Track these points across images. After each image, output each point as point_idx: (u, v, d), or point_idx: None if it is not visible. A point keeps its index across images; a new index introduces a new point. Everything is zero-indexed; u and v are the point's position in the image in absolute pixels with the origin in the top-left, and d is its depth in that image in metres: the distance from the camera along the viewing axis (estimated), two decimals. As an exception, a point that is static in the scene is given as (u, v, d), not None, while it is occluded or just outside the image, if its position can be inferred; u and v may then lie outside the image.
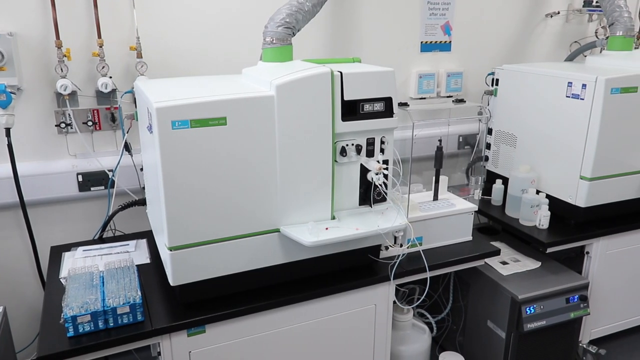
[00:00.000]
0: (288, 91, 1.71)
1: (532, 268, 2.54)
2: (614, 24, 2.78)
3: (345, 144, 1.86)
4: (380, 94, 1.87)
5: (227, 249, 1.78)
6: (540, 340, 2.43)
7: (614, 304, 2.80)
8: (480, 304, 2.55)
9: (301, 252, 1.90)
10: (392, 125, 1.92)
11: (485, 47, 3.16)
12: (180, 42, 2.44)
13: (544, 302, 2.36)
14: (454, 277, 2.65)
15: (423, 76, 2.95)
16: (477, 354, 2.61)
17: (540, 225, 2.55)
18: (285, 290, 1.93)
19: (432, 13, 2.92)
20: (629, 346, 2.98)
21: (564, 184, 2.56)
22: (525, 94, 2.74)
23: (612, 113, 2.37)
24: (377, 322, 2.15)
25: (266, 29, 2.06)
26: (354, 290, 2.04)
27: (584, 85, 2.40)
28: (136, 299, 1.73)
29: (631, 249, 2.71)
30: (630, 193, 2.59)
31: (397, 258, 2.08)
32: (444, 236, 2.31)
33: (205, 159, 1.66)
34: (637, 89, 2.39)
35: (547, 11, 3.28)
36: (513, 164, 2.81)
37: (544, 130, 2.64)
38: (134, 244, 2.31)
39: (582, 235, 2.55)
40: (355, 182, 1.94)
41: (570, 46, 3.41)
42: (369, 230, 1.85)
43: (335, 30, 2.75)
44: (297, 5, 2.11)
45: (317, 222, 1.85)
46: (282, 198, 1.81)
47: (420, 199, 2.35)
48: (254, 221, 1.79)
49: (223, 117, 1.65)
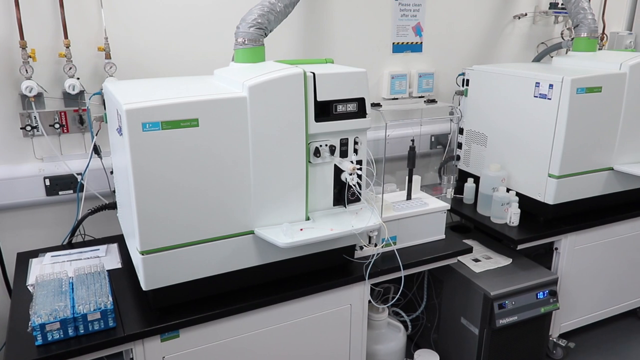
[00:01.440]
0: (261, 92, 1.70)
1: (503, 265, 2.59)
2: (579, 25, 2.86)
3: (318, 144, 1.86)
4: (353, 94, 1.87)
5: (201, 252, 1.76)
6: (512, 335, 2.48)
7: (582, 298, 2.87)
8: (453, 302, 2.59)
9: (276, 254, 1.90)
10: (365, 126, 1.93)
11: (456, 48, 3.21)
12: (150, 43, 2.40)
13: (515, 298, 2.41)
14: (427, 275, 2.68)
15: (395, 77, 2.98)
16: (451, 351, 2.65)
17: (511, 222, 2.61)
18: (260, 292, 1.92)
19: (403, 14, 2.95)
20: (597, 339, 3.07)
21: (533, 182, 2.62)
22: (494, 94, 2.79)
23: (577, 112, 2.43)
24: (352, 321, 2.16)
25: (238, 29, 2.05)
26: (329, 290, 2.04)
27: (550, 86, 2.46)
28: (107, 305, 1.69)
29: (598, 244, 2.79)
30: (596, 190, 2.67)
31: (371, 258, 2.09)
32: (417, 235, 2.34)
33: (177, 161, 1.63)
34: (601, 89, 2.46)
35: (514, 13, 3.35)
36: (484, 163, 2.86)
37: (513, 129, 2.69)
38: (105, 249, 2.27)
39: (551, 232, 2.61)
40: (329, 182, 1.94)
41: (538, 47, 3.49)
42: (343, 231, 1.86)
43: (308, 31, 2.75)
44: (269, 6, 2.10)
45: (292, 223, 1.85)
46: (256, 200, 1.80)
47: (394, 198, 2.37)
48: (227, 223, 1.78)
49: (195, 119, 1.63)
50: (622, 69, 2.53)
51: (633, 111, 2.58)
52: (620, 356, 2.94)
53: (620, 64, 2.54)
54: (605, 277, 2.92)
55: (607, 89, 2.47)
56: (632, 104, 2.57)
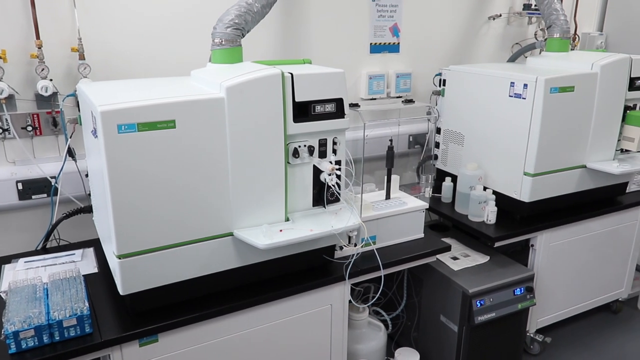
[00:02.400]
0: (238, 93, 1.69)
1: (481, 262, 2.62)
2: (552, 26, 2.92)
3: (297, 145, 1.86)
4: (332, 95, 1.88)
5: (179, 255, 1.74)
6: (490, 331, 2.51)
7: (558, 294, 2.93)
8: (433, 300, 2.61)
9: (256, 255, 1.89)
10: (344, 126, 1.93)
11: (432, 48, 3.24)
12: (125, 43, 2.36)
13: (493, 294, 2.45)
14: (407, 274, 2.70)
15: (373, 77, 2.99)
16: (431, 349, 2.67)
17: (488, 220, 2.64)
18: (240, 295, 1.91)
19: (380, 15, 2.97)
20: (573, 333, 3.14)
21: (509, 180, 2.66)
22: (471, 94, 2.83)
23: (551, 111, 2.48)
24: (333, 322, 2.16)
25: (215, 30, 2.03)
26: (310, 291, 2.04)
27: (525, 85, 2.50)
28: (83, 311, 1.66)
29: (572, 240, 2.85)
30: (570, 187, 2.73)
31: (351, 257, 2.10)
32: (396, 234, 2.35)
33: (154, 163, 1.61)
34: (573, 89, 2.51)
35: (489, 14, 3.40)
36: (461, 162, 2.90)
37: (490, 128, 2.73)
38: (80, 254, 2.22)
39: (527, 229, 2.65)
40: (308, 183, 1.94)
41: (512, 47, 3.55)
42: (323, 231, 1.86)
43: (286, 31, 2.74)
44: (246, 7, 2.09)
45: (271, 224, 1.84)
46: (235, 201, 1.78)
47: (373, 198, 2.38)
48: (206, 225, 1.76)
49: (172, 120, 1.61)
50: (593, 68, 2.59)
51: (604, 110, 2.65)
52: (595, 350, 3.01)
53: (591, 64, 2.60)
54: (580, 272, 2.98)
55: (579, 88, 2.53)
56: (603, 103, 2.63)
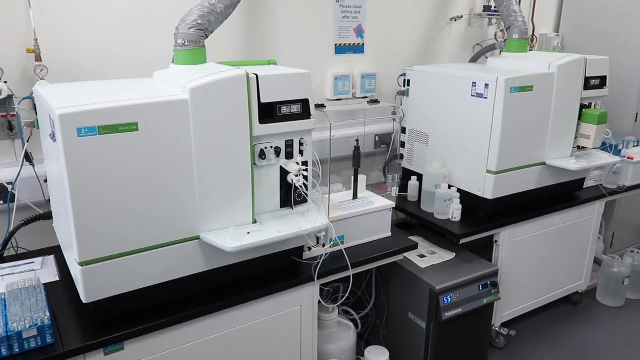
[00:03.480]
0: (203, 94, 1.67)
1: (447, 259, 2.67)
2: (511, 27, 3.00)
3: (264, 146, 1.85)
4: (297, 96, 1.88)
5: (144, 260, 1.70)
6: (457, 327, 2.56)
7: (521, 288, 3.01)
8: (401, 297, 2.64)
9: (223, 259, 1.87)
10: (310, 127, 1.94)
11: (397, 49, 3.28)
12: (84, 44, 2.30)
13: (460, 290, 2.49)
14: (375, 272, 2.72)
15: (338, 78, 3.01)
16: (400, 346, 2.70)
17: (453, 218, 2.69)
18: (208, 299, 1.89)
19: (344, 16, 2.99)
20: (536, 326, 3.23)
21: (473, 178, 2.72)
22: (434, 94, 2.87)
23: (512, 110, 2.54)
24: (303, 323, 2.16)
25: (177, 30, 2.00)
26: (279, 293, 2.03)
27: (486, 85, 2.56)
28: (44, 321, 1.61)
29: (534, 235, 2.93)
30: (531, 184, 2.81)
31: (320, 258, 2.10)
32: (364, 234, 2.37)
33: (116, 167, 1.57)
34: (532, 88, 2.59)
35: (451, 15, 3.46)
36: (426, 161, 2.94)
37: (453, 128, 2.78)
38: (40, 262, 2.15)
39: (491, 226, 2.72)
40: (275, 184, 1.94)
41: (474, 48, 3.63)
42: (291, 233, 1.85)
43: (250, 32, 2.73)
44: (209, 7, 2.07)
45: (239, 227, 1.83)
46: (201, 204, 1.76)
47: (341, 198, 2.39)
48: (171, 230, 1.73)
49: (134, 123, 1.57)
50: (550, 69, 2.67)
51: (561, 109, 2.74)
52: (557, 340, 3.11)
53: (549, 64, 2.68)
54: (542, 266, 3.07)
55: (538, 88, 2.60)
56: (561, 101, 2.71)
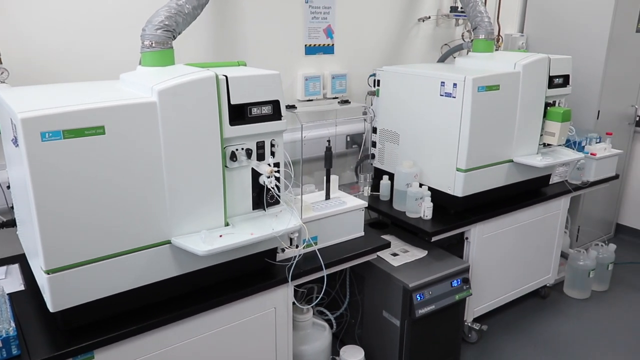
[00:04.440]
0: (171, 97, 1.65)
1: (419, 257, 2.70)
2: (477, 28, 3.06)
3: (234, 148, 1.83)
4: (268, 97, 1.87)
5: (113, 266, 1.66)
6: (430, 323, 2.59)
7: (492, 283, 3.07)
8: (375, 296, 2.66)
9: (195, 263, 1.84)
10: (281, 128, 1.93)
11: (366, 50, 3.30)
12: (48, 46, 2.23)
13: (432, 287, 2.53)
14: (349, 272, 2.74)
15: (309, 78, 3.01)
16: (375, 344, 2.72)
17: (425, 216, 2.73)
18: (180, 304, 1.86)
19: (314, 17, 2.99)
20: (506, 320, 3.30)
21: (443, 176, 2.76)
22: (404, 94, 2.90)
23: (479, 109, 2.59)
24: (277, 325, 2.15)
25: (144, 32, 1.97)
26: (253, 295, 2.02)
27: (454, 85, 2.60)
28: (9, 332, 1.56)
29: (503, 231, 3.00)
30: (499, 181, 2.86)
31: (293, 259, 2.09)
32: (337, 234, 2.37)
33: (82, 172, 1.53)
34: (499, 87, 2.64)
35: (419, 16, 3.51)
36: (397, 161, 2.97)
37: (423, 127, 2.82)
38: (4, 271, 2.08)
39: (461, 223, 2.76)
40: (247, 186, 1.92)
41: (442, 48, 3.68)
42: (263, 234, 1.84)
43: (219, 33, 2.70)
44: (177, 8, 2.04)
45: (211, 230, 1.81)
46: (172, 208, 1.73)
47: (313, 199, 2.39)
48: (141, 234, 1.70)
49: (101, 126, 1.54)
50: (516, 68, 2.73)
51: (527, 107, 2.80)
52: (527, 334, 3.18)
53: (514, 64, 2.74)
54: (511, 261, 3.14)
55: (504, 87, 2.66)
56: (526, 100, 2.78)
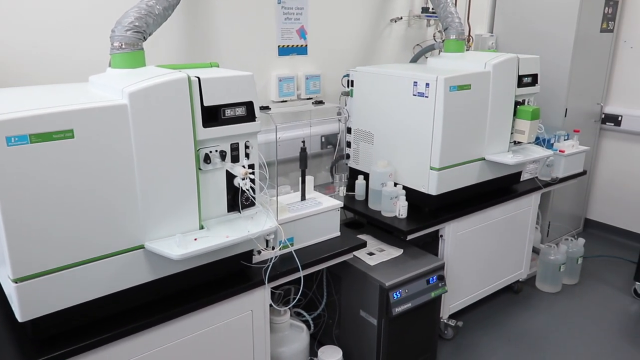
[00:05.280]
0: (142, 99, 1.62)
1: (395, 256, 2.72)
2: (448, 28, 3.10)
3: (208, 150, 1.81)
4: (241, 98, 1.85)
5: (85, 273, 1.63)
6: (407, 321, 2.61)
7: (466, 279, 3.12)
8: (352, 296, 2.67)
9: (170, 267, 1.82)
10: (255, 130, 1.92)
11: (340, 50, 3.31)
12: (14, 47, 2.17)
13: (408, 285, 2.55)
14: (326, 272, 2.74)
15: (283, 79, 3.00)
16: (353, 344, 2.73)
17: (400, 215, 2.75)
18: (155, 309, 1.83)
19: (286, 18, 2.98)
20: (481, 315, 3.36)
21: (417, 175, 2.78)
22: (377, 94, 2.92)
23: (451, 108, 2.63)
24: (254, 327, 2.14)
25: (113, 33, 1.93)
26: (229, 298, 2.00)
27: (427, 84, 2.63)
28: (-24, 343, 1.51)
29: (476, 228, 3.04)
30: (472, 179, 2.91)
31: (270, 261, 2.08)
32: (313, 234, 2.37)
33: (51, 177, 1.50)
34: (470, 87, 2.68)
35: (391, 16, 3.53)
36: (372, 160, 2.99)
37: (397, 127, 2.84)
38: (-30, 280, 2.01)
39: (436, 221, 2.79)
40: (222, 189, 1.90)
41: (414, 48, 3.72)
42: (239, 237, 1.83)
43: (191, 34, 2.67)
44: (147, 9, 2.01)
45: (185, 233, 1.78)
46: (145, 213, 1.70)
47: (289, 200, 2.39)
48: (113, 240, 1.66)
49: (69, 130, 1.50)
50: (486, 67, 2.78)
51: (497, 106, 2.85)
52: (502, 328, 3.24)
53: (485, 64, 2.79)
54: (485, 258, 3.19)
55: (475, 86, 2.70)
56: (497, 99, 2.83)
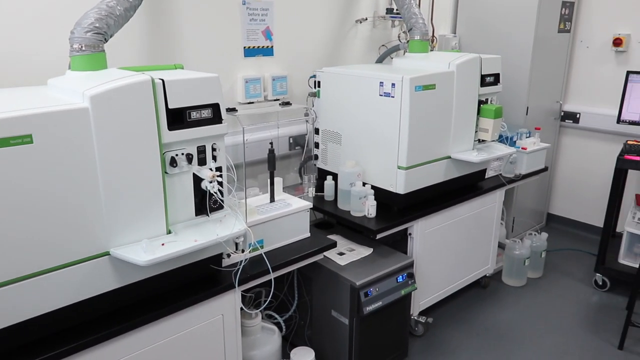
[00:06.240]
0: (105, 102, 1.58)
1: (365, 255, 2.74)
2: (412, 29, 3.14)
3: (174, 154, 1.79)
4: (207, 100, 1.83)
5: (47, 282, 1.57)
6: (378, 319, 2.64)
7: (435, 276, 3.16)
8: (323, 296, 2.67)
9: (137, 273, 1.78)
10: (222, 132, 1.90)
11: (306, 51, 3.31)
12: (-36, 49, 2.09)
13: (379, 284, 2.57)
14: (297, 274, 2.73)
15: (249, 81, 2.98)
16: (325, 344, 2.73)
17: (369, 214, 2.77)
18: (122, 317, 1.79)
19: (252, 19, 2.96)
20: (451, 311, 3.41)
21: (385, 174, 2.81)
22: (344, 95, 2.94)
23: (417, 108, 2.66)
24: (225, 332, 2.11)
25: (73, 34, 1.88)
26: (199, 303, 1.97)
27: (393, 85, 2.66)
28: None
29: (444, 225, 3.09)
30: (439, 177, 2.96)
31: (239, 264, 2.07)
32: (283, 236, 2.37)
33: (8, 184, 1.44)
34: (435, 86, 2.73)
35: (356, 17, 3.56)
36: (340, 160, 3.00)
37: (364, 127, 2.86)
38: None
39: (404, 219, 2.82)
40: (189, 192, 1.88)
41: (379, 49, 3.75)
42: (208, 241, 1.81)
43: (154, 36, 2.62)
44: (107, 9, 1.96)
45: (152, 238, 1.75)
46: (109, 218, 1.66)
47: (258, 202, 2.38)
48: (77, 247, 1.62)
49: (28, 135, 1.45)
50: (450, 67, 2.83)
51: (462, 105, 2.91)
52: (470, 323, 3.30)
53: (448, 64, 2.84)
54: (453, 254, 3.25)
55: (439, 86, 2.75)
56: (461, 98, 2.89)
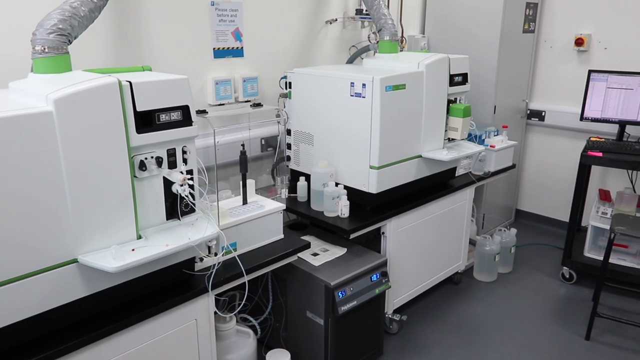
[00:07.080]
0: (69, 105, 1.54)
1: (339, 255, 2.75)
2: (382, 30, 3.17)
3: (143, 157, 1.75)
4: (176, 102, 1.81)
5: (11, 293, 1.52)
6: (353, 319, 2.65)
7: (409, 274, 3.19)
8: (298, 297, 2.67)
9: (107, 280, 1.74)
10: (192, 134, 1.88)
11: (276, 52, 3.30)
12: None
13: (353, 284, 2.58)
14: (271, 276, 2.72)
15: (219, 82, 2.95)
16: (300, 345, 2.73)
17: (342, 214, 2.78)
18: (92, 326, 1.74)
19: (221, 19, 2.94)
20: (424, 308, 3.46)
21: (358, 174, 2.82)
22: (316, 95, 2.94)
23: (388, 108, 2.69)
24: (199, 336, 2.09)
25: (35, 36, 1.82)
26: (172, 309, 1.94)
27: (364, 85, 2.67)
28: None
29: (416, 224, 3.13)
30: (410, 176, 2.99)
31: (212, 268, 2.04)
32: (257, 238, 2.35)
33: (-31, 192, 1.40)
34: (405, 86, 2.75)
35: (326, 18, 3.57)
36: (313, 161, 3.00)
37: (336, 127, 2.87)
38: None
39: (377, 219, 2.84)
40: (159, 196, 1.85)
41: (350, 50, 3.77)
42: (179, 245, 1.78)
43: (121, 37, 2.57)
44: (71, 10, 1.91)
45: (122, 244, 1.72)
46: (76, 225, 1.62)
47: (230, 204, 2.36)
48: (42, 255, 1.57)
49: (-11, 140, 1.41)
50: (419, 67, 2.86)
51: (431, 104, 2.95)
52: (444, 319, 3.34)
53: (418, 64, 2.87)
54: (425, 252, 3.29)
55: (409, 85, 2.78)
56: (430, 98, 2.92)
